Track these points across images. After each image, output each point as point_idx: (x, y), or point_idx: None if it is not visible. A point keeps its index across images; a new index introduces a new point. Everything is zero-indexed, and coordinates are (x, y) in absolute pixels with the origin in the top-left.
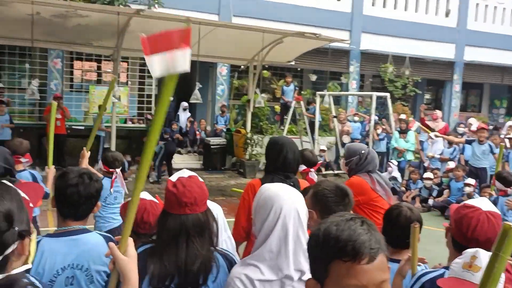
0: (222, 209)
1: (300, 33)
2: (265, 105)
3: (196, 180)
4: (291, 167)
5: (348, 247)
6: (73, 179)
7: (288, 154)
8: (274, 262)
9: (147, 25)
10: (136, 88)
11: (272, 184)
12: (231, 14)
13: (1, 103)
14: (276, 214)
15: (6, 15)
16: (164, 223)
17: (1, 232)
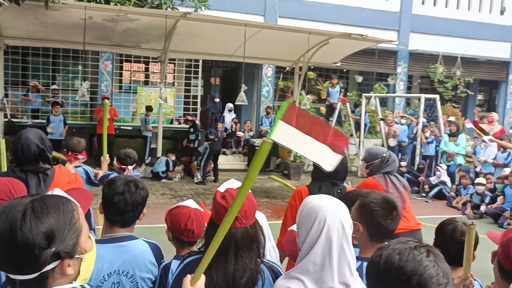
0: (265, 212)
1: (347, 34)
2: (310, 107)
3: None
4: (339, 174)
5: (413, 281)
6: (119, 187)
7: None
8: (318, 274)
9: (193, 27)
10: (182, 89)
11: (316, 196)
12: (276, 15)
13: (56, 104)
14: (320, 225)
15: (61, 20)
16: (213, 235)
17: (38, 250)
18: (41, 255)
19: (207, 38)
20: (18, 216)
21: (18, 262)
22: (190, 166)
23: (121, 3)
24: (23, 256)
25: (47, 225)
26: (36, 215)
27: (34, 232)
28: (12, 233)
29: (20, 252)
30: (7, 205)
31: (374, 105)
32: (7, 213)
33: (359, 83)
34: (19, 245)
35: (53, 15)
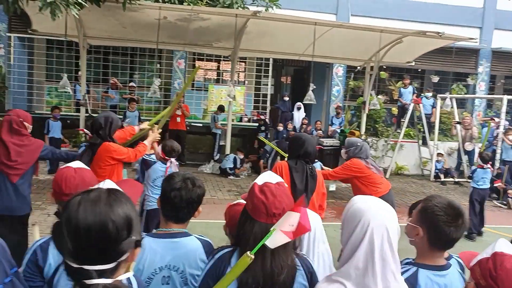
0: (330, 212)
1: (422, 32)
2: (381, 107)
3: (284, 188)
4: (311, 155)
5: None
6: (177, 183)
7: (309, 147)
8: (361, 279)
9: (263, 26)
10: (252, 87)
11: (363, 197)
12: (349, 13)
13: (133, 100)
14: (363, 228)
15: (138, 20)
16: (250, 230)
17: (121, 240)
18: (124, 244)
19: (277, 37)
20: (105, 208)
21: (104, 252)
22: (257, 165)
23: (194, 3)
24: (110, 246)
25: (127, 215)
26: (119, 206)
27: (120, 222)
28: (103, 224)
29: (109, 242)
30: (87, 198)
31: (450, 106)
32: (91, 206)
33: (435, 83)
34: (110, 236)
35: (131, 15)
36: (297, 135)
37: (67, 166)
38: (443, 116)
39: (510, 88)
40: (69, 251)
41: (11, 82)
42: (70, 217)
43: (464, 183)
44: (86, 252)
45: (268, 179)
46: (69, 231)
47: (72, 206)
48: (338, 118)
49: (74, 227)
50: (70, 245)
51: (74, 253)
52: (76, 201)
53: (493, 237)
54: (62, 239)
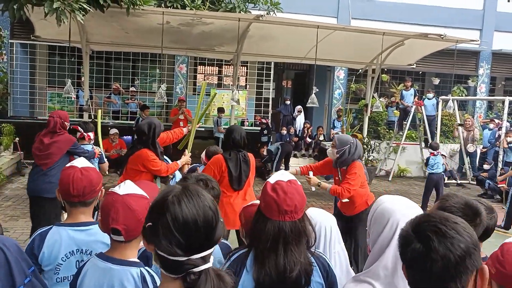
0: None
1: (423, 34)
2: (383, 110)
3: (296, 186)
4: (240, 145)
5: None
6: (195, 185)
7: (236, 136)
8: (390, 279)
9: (266, 30)
10: (254, 91)
11: (390, 197)
12: (350, 16)
13: (146, 107)
14: (392, 228)
15: (141, 25)
16: (263, 228)
17: (217, 224)
18: (219, 228)
19: (279, 41)
20: (201, 200)
21: (210, 238)
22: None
23: (197, 7)
24: (213, 232)
25: (212, 200)
26: (204, 195)
27: (214, 208)
28: (206, 214)
29: (212, 228)
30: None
31: (452, 108)
32: (190, 201)
33: (436, 85)
34: (212, 222)
35: (134, 21)
36: (227, 128)
37: (72, 166)
38: (444, 118)
39: (510, 89)
40: (179, 246)
41: (14, 89)
42: (176, 215)
43: (467, 184)
44: (197, 242)
45: (280, 178)
46: (178, 227)
47: (172, 205)
48: (340, 121)
49: (183, 223)
50: (181, 240)
51: (185, 246)
52: (173, 200)
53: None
54: (166, 237)
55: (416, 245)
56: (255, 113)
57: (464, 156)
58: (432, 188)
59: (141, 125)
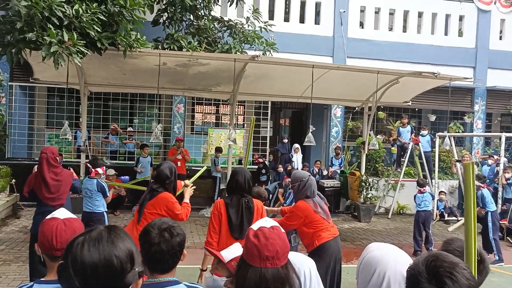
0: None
1: (417, 72)
2: (380, 147)
3: (278, 232)
4: (244, 189)
5: None
6: (154, 238)
7: (239, 178)
8: None
9: (262, 70)
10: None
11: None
12: (345, 55)
13: (145, 146)
14: (380, 278)
15: (138, 67)
16: (245, 275)
17: (126, 273)
18: (129, 277)
19: (276, 80)
20: (108, 245)
21: (112, 286)
22: None
23: (193, 49)
24: (117, 280)
25: (129, 249)
26: (120, 241)
27: (123, 256)
28: (109, 260)
29: (116, 276)
30: (89, 238)
31: (449, 144)
32: (95, 244)
33: (433, 122)
34: (116, 270)
35: (131, 62)
36: (232, 170)
37: (54, 218)
38: (442, 155)
39: (506, 125)
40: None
41: (13, 130)
42: (76, 258)
43: None
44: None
45: (263, 224)
46: (76, 270)
47: (76, 246)
48: (338, 159)
49: (80, 267)
50: (78, 284)
51: None
52: (80, 242)
53: (501, 277)
54: (69, 280)
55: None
56: (253, 151)
57: (463, 192)
58: (420, 226)
59: (164, 169)
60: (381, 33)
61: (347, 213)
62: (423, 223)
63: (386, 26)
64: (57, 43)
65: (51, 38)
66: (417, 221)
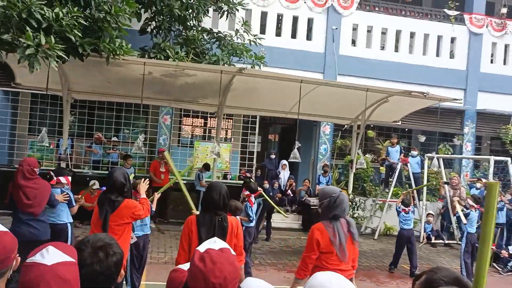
0: None
1: (407, 92)
2: (368, 166)
3: (228, 255)
4: (219, 206)
5: None
6: (87, 257)
7: (214, 195)
8: None
9: (250, 83)
10: (239, 145)
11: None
12: (336, 73)
13: (129, 156)
14: None
15: (123, 75)
16: None
17: None
18: None
19: (264, 95)
20: None
21: None
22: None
23: (180, 59)
24: None
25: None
26: None
27: None
28: None
29: None
30: None
31: (437, 166)
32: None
33: (422, 143)
34: None
35: (115, 70)
36: (207, 185)
37: None
38: (430, 176)
39: (496, 149)
40: None
41: None
42: None
43: (454, 245)
44: None
45: (211, 246)
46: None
47: None
48: (325, 176)
49: None
50: None
51: None
52: None
53: None
54: None
55: None
56: (239, 166)
57: (451, 215)
58: (404, 245)
59: (118, 176)
60: (373, 51)
61: None
62: (406, 243)
63: (378, 45)
64: (34, 46)
65: (27, 40)
66: (400, 240)
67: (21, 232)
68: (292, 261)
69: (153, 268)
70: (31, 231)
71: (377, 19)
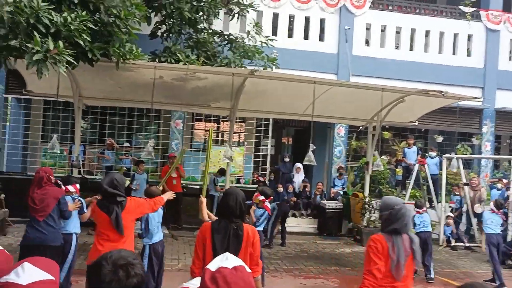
0: (332, 282)
1: (424, 91)
2: (385, 168)
3: (243, 274)
4: (234, 212)
5: None
6: (106, 275)
7: (230, 201)
8: None
9: (262, 85)
10: (252, 148)
11: None
12: (349, 73)
13: (141, 162)
14: None
15: (133, 80)
16: None
17: None
18: None
19: (276, 97)
20: None
21: None
22: None
23: (191, 62)
24: None
25: None
26: None
27: None
28: None
29: None
30: None
31: (456, 167)
32: None
33: (440, 143)
34: None
35: (126, 75)
36: (224, 191)
37: None
38: (449, 177)
39: None
40: None
41: (8, 144)
42: None
43: (475, 248)
44: None
45: (224, 263)
46: None
47: None
48: (340, 179)
49: None
50: None
51: None
52: None
53: None
54: None
55: None
56: (253, 170)
57: (472, 217)
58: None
59: (110, 180)
60: (387, 51)
61: (349, 236)
62: (423, 246)
63: (392, 44)
64: (42, 52)
65: (35, 46)
66: None
67: (29, 236)
68: (308, 267)
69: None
70: (38, 236)
71: (391, 18)
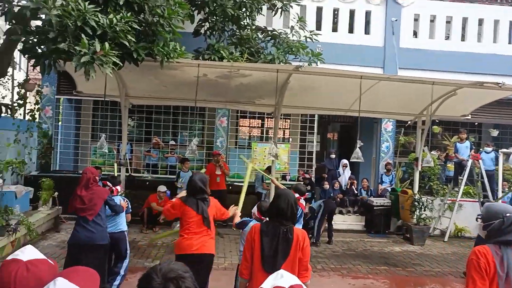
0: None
1: (478, 83)
2: (435, 164)
3: None
4: (285, 214)
5: None
6: (156, 286)
7: (281, 203)
8: None
9: (307, 81)
10: (297, 145)
11: None
12: (396, 67)
13: (186, 160)
14: None
15: (178, 78)
16: None
17: None
18: None
19: (322, 93)
20: None
21: None
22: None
23: (234, 59)
24: None
25: None
26: None
27: None
28: None
29: None
30: None
31: None
32: None
33: (495, 137)
34: None
35: (170, 74)
36: (275, 192)
37: (15, 260)
38: (506, 173)
39: None
40: None
41: (60, 143)
42: None
43: None
44: None
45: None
46: None
47: None
48: (388, 175)
49: None
50: None
51: None
52: None
53: None
54: None
55: None
56: (298, 167)
57: None
58: None
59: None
60: (437, 42)
61: (398, 235)
62: None
63: (443, 34)
64: (89, 54)
65: (82, 48)
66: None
67: (78, 235)
68: (357, 266)
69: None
70: (86, 235)
71: (441, 7)
